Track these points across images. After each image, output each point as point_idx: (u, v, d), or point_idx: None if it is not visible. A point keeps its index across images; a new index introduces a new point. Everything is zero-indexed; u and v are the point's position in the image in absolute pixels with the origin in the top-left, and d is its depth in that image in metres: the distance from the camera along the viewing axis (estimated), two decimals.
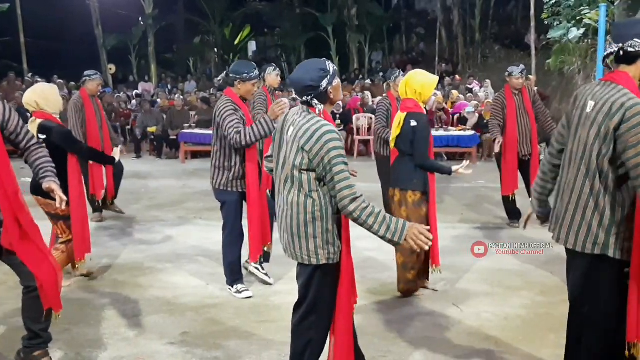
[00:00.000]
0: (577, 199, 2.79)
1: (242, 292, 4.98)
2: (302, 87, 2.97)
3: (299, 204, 2.96)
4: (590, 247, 2.76)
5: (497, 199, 8.58)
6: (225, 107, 4.72)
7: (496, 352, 3.88)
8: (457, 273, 5.32)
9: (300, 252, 3.01)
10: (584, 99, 2.88)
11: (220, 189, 4.93)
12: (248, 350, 3.97)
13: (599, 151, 2.72)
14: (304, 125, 2.93)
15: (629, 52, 2.76)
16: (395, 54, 29.22)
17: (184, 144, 13.61)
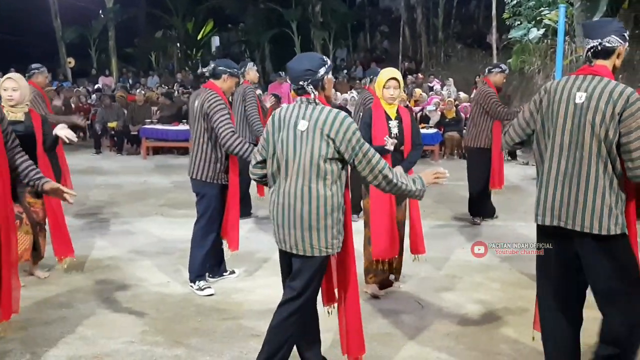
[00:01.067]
0: (595, 184, 2.87)
1: (204, 289, 4.93)
2: (300, 71, 3.09)
3: (319, 196, 3.04)
4: (614, 228, 2.87)
5: (460, 195, 8.69)
6: (217, 101, 4.68)
7: (456, 348, 3.92)
8: (418, 270, 5.36)
9: (317, 244, 3.07)
10: (565, 92, 2.97)
11: (204, 181, 4.85)
12: (210, 348, 3.93)
13: (606, 135, 2.83)
14: (321, 115, 3.04)
15: (607, 47, 2.96)
16: (360, 52, 29.30)
17: (145, 139, 13.43)
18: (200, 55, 29.42)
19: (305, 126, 3.06)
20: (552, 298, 3.10)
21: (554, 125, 2.98)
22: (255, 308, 4.62)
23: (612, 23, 3.06)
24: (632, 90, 2.86)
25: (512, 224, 7.18)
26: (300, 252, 3.11)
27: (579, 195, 2.90)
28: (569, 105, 2.94)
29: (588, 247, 2.94)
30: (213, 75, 4.87)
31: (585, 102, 2.89)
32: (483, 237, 6.68)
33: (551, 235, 3.05)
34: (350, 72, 24.15)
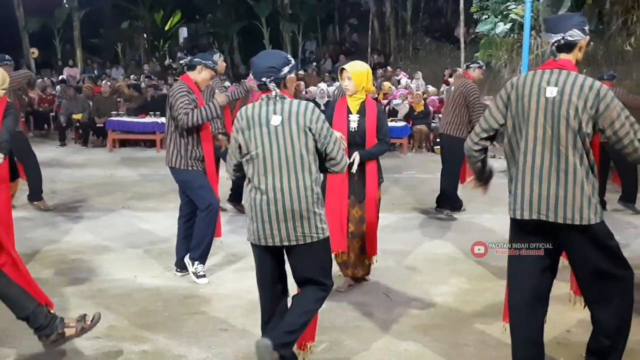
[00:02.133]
0: (573, 176, 2.92)
1: (200, 277, 4.96)
2: (263, 68, 3.16)
3: (306, 188, 3.13)
4: (594, 217, 2.95)
5: (427, 188, 8.77)
6: (180, 89, 4.82)
7: (424, 340, 3.96)
8: (387, 262, 5.39)
9: (309, 231, 3.16)
10: (534, 87, 3.00)
11: (181, 169, 4.91)
12: (177, 343, 3.90)
13: (579, 127, 2.90)
14: (293, 107, 3.12)
15: (569, 40, 3.02)
16: (329, 44, 29.26)
17: (111, 132, 13.22)
18: (167, 46, 29.03)
19: (278, 120, 3.10)
20: (523, 291, 3.14)
21: (525, 120, 3.01)
22: (225, 302, 4.60)
23: (573, 17, 3.12)
24: (600, 82, 2.95)
25: (478, 216, 7.26)
26: (300, 242, 3.17)
27: (559, 188, 2.94)
28: (539, 99, 2.97)
29: (571, 238, 3.01)
30: (189, 67, 4.98)
31: (557, 96, 2.93)
32: (451, 229, 6.75)
33: (529, 229, 3.08)
34: (320, 65, 24.12)
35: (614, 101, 2.89)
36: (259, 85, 3.21)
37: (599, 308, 3.07)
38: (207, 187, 4.96)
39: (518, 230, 3.14)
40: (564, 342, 3.67)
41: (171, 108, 4.82)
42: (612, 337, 3.07)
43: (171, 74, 20.66)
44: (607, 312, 3.05)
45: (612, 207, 7.51)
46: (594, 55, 11.37)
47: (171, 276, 5.17)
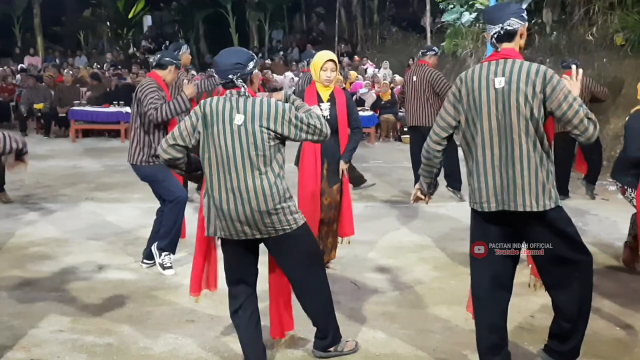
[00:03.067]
0: (527, 163, 2.96)
1: (166, 268, 4.91)
2: (229, 65, 3.14)
3: (271, 185, 3.12)
4: (549, 203, 2.99)
5: (395, 177, 8.82)
6: (149, 85, 4.82)
7: (391, 327, 3.98)
8: (354, 250, 5.40)
9: (280, 225, 3.18)
10: (482, 80, 3.02)
11: (143, 165, 4.86)
12: (143, 336, 3.85)
13: (531, 114, 2.93)
14: (255, 107, 3.09)
15: (508, 30, 3.04)
16: (296, 33, 29.12)
17: (74, 122, 12.97)
18: (131, 34, 28.50)
19: (241, 120, 3.10)
20: (485, 278, 3.18)
21: (478, 113, 3.04)
22: None
23: (509, 6, 3.16)
24: (546, 67, 2.98)
25: (445, 204, 7.32)
26: (272, 235, 3.20)
27: (516, 176, 2.97)
28: (489, 91, 3.00)
29: (529, 225, 3.05)
30: (158, 65, 4.93)
31: (505, 86, 2.96)
32: (417, 218, 6.80)
33: (492, 220, 3.11)
34: (287, 54, 24.00)
35: (560, 83, 2.93)
36: (225, 83, 3.17)
37: (559, 293, 3.13)
38: (172, 179, 4.90)
39: (482, 221, 3.17)
40: (527, 327, 3.73)
41: (139, 103, 4.77)
42: (572, 321, 3.12)
43: (136, 62, 20.34)
44: (567, 297, 3.10)
45: (574, 194, 7.67)
46: (557, 45, 11.53)
47: (137, 268, 5.11)
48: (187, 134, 3.18)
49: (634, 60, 9.53)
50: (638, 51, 9.53)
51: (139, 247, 5.42)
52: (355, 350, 3.60)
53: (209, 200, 3.22)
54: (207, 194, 3.23)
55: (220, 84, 3.23)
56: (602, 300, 4.28)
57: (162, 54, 5.07)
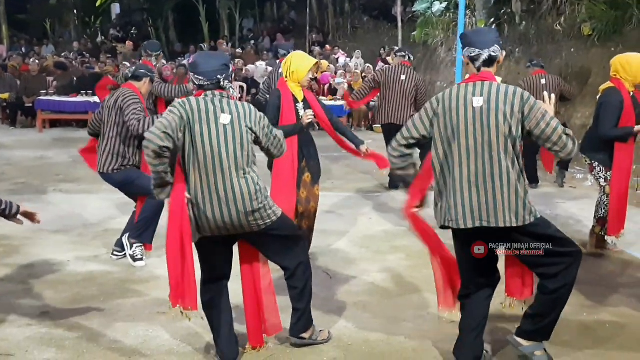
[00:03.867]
0: (507, 180, 3.02)
1: (137, 260, 4.87)
2: (218, 66, 3.20)
3: (254, 183, 3.20)
4: (529, 218, 3.06)
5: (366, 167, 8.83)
6: (132, 95, 4.79)
7: (364, 316, 4.00)
8: (327, 240, 5.41)
9: (262, 221, 3.24)
10: (460, 99, 3.08)
11: (115, 173, 4.82)
12: (113, 328, 3.81)
13: (510, 131, 3.00)
14: (240, 108, 3.20)
15: (492, 56, 3.14)
16: (267, 22, 28.91)
17: (41, 111, 12.73)
18: (99, 23, 28.01)
19: (228, 119, 3.14)
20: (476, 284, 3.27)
21: (456, 132, 3.08)
22: (162, 285, 4.50)
23: (491, 32, 3.30)
24: (521, 89, 3.09)
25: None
26: (255, 229, 3.25)
27: (495, 193, 3.02)
28: (467, 110, 3.06)
29: (511, 237, 3.12)
30: (134, 77, 4.96)
31: (484, 105, 3.03)
32: (389, 207, 6.84)
33: (471, 236, 3.16)
34: (258, 43, 23.81)
35: (537, 104, 3.03)
36: (209, 84, 3.19)
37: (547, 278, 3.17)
38: (145, 176, 4.76)
39: (461, 237, 3.22)
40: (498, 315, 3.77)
41: (120, 113, 4.71)
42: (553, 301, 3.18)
43: (104, 51, 20.00)
44: (557, 281, 3.14)
45: (543, 182, 7.80)
46: (526, 35, 11.64)
47: (106, 260, 5.04)
48: (176, 126, 3.07)
49: (601, 49, 9.67)
50: (605, 41, 9.67)
51: (109, 239, 5.36)
52: (328, 340, 3.63)
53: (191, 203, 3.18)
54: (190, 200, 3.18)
55: (201, 86, 3.20)
56: None
57: (137, 66, 5.18)
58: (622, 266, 4.91)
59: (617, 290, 4.36)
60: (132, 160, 4.83)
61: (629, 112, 4.70)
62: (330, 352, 3.51)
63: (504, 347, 3.51)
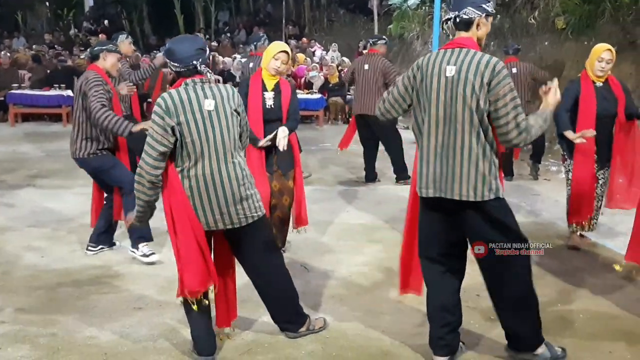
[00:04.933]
0: (469, 154, 2.97)
1: (149, 255, 4.77)
2: (194, 51, 3.13)
3: (242, 168, 3.20)
4: (488, 194, 3.00)
5: (343, 160, 8.85)
6: (94, 78, 4.63)
7: (341, 309, 4.01)
8: (304, 234, 5.39)
9: (250, 212, 3.23)
10: (436, 67, 3.03)
11: (90, 158, 4.72)
12: (89, 325, 3.76)
13: (477, 105, 2.93)
14: (223, 91, 3.17)
15: (464, 18, 3.03)
16: (242, 15, 28.75)
17: (12, 105, 12.51)
18: (72, 15, 27.61)
19: (212, 105, 3.11)
20: (436, 263, 3.23)
21: (428, 100, 3.06)
22: (138, 280, 4.48)
23: None
24: (498, 59, 2.96)
25: (394, 186, 7.41)
26: (243, 223, 3.22)
27: (455, 166, 3.00)
28: (440, 79, 3.01)
29: (467, 214, 3.07)
30: (92, 58, 4.81)
31: (455, 75, 2.97)
32: (366, 200, 6.86)
33: (434, 206, 3.15)
34: (233, 36, 23.68)
35: (505, 79, 2.90)
36: (186, 70, 3.13)
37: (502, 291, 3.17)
38: (120, 166, 4.78)
39: (426, 206, 3.21)
40: (473, 306, 3.81)
41: (84, 97, 4.60)
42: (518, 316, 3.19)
43: (77, 44, 19.71)
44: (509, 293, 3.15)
45: (518, 174, 7.88)
46: (500, 28, 11.73)
47: (81, 255, 4.99)
48: (163, 137, 3.04)
49: (574, 43, 9.78)
50: (578, 34, 9.79)
51: (84, 234, 5.29)
52: (325, 327, 3.68)
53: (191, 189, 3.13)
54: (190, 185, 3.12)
55: (178, 72, 3.17)
56: (545, 277, 4.42)
57: (92, 46, 4.96)
58: (595, 257, 4.99)
59: (590, 281, 4.43)
60: (107, 143, 4.72)
61: (586, 100, 4.77)
62: (308, 345, 3.51)
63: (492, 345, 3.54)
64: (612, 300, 4.11)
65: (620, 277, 4.52)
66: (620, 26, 9.09)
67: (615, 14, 9.25)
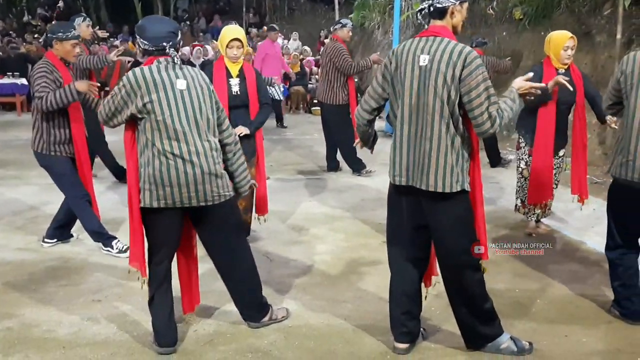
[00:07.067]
0: (438, 145, 2.98)
1: (125, 250, 4.60)
2: (165, 33, 3.15)
3: (217, 148, 3.23)
4: (455, 185, 3.01)
5: (305, 150, 8.85)
6: (39, 68, 4.50)
7: (304, 298, 4.01)
8: (266, 224, 5.37)
9: (223, 190, 3.25)
10: (410, 55, 3.03)
11: (43, 153, 4.60)
12: (46, 317, 3.69)
13: (448, 96, 2.93)
14: (194, 72, 3.22)
15: (438, 7, 3.03)
16: (202, 2, 28.34)
17: None
18: (25, 1, 26.81)
19: (184, 85, 3.13)
20: (400, 248, 3.26)
21: (402, 89, 3.06)
22: (96, 272, 4.41)
23: None
24: (470, 49, 2.97)
25: (355, 175, 7.42)
26: (216, 201, 3.22)
27: (424, 156, 3.02)
28: (414, 68, 3.01)
29: (432, 204, 3.09)
30: (46, 45, 4.67)
31: (428, 64, 2.97)
32: (328, 189, 6.87)
33: (404, 194, 3.17)
34: (193, 24, 23.35)
35: (478, 70, 2.90)
36: (155, 50, 3.14)
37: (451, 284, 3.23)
38: (69, 176, 4.64)
39: (396, 193, 3.23)
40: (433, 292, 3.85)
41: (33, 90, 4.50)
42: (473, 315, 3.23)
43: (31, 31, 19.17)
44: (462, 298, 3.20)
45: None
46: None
47: (38, 247, 4.88)
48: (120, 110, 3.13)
49: (531, 33, 9.94)
50: (535, 25, 9.95)
51: (40, 225, 5.18)
52: (288, 317, 3.68)
53: (147, 169, 3.11)
54: (146, 165, 3.11)
55: (145, 50, 3.16)
56: (503, 264, 4.50)
57: (46, 32, 4.78)
58: (551, 243, 5.09)
59: (547, 267, 4.53)
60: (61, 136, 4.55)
61: None
62: (270, 335, 3.51)
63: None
64: (568, 285, 4.21)
65: (576, 264, 4.64)
66: (576, 17, 9.27)
67: (570, 5, 9.43)
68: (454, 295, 3.25)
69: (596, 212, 5.63)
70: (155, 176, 3.10)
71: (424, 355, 3.31)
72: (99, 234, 4.75)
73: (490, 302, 3.24)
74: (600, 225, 3.88)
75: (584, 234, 5.24)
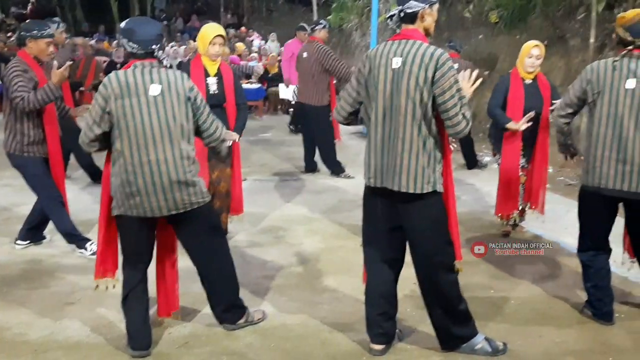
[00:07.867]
0: (410, 146, 3.00)
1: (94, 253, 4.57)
2: (154, 36, 3.12)
3: (188, 157, 3.13)
4: (427, 187, 3.03)
5: (283, 151, 8.83)
6: (13, 68, 4.40)
7: (280, 300, 4.00)
8: (243, 225, 5.35)
9: (195, 198, 3.19)
10: (383, 58, 3.05)
11: (16, 154, 4.52)
12: (18, 320, 3.64)
13: (421, 98, 2.95)
14: (171, 77, 3.10)
15: (408, 12, 3.05)
16: (180, 2, 28.19)
17: None
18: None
19: (158, 90, 3.05)
20: (375, 249, 3.27)
21: (375, 91, 3.08)
22: (70, 274, 4.35)
23: None
24: (443, 51, 2.99)
25: (332, 177, 7.42)
26: (188, 208, 3.19)
27: (396, 157, 3.04)
28: (387, 70, 3.04)
29: (405, 205, 3.11)
30: (19, 45, 4.58)
31: (400, 67, 2.99)
32: (306, 191, 6.86)
33: (379, 195, 3.19)
34: (170, 24, 23.20)
35: (450, 71, 2.93)
36: (144, 53, 3.11)
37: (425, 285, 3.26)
38: (42, 177, 4.56)
39: (371, 194, 3.25)
40: (410, 294, 3.87)
41: (7, 90, 4.39)
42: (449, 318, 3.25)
43: (5, 30, 18.88)
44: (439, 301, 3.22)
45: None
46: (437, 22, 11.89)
47: (9, 250, 4.80)
48: (99, 119, 3.07)
49: (507, 37, 10.05)
50: (511, 28, 10.07)
51: (11, 226, 5.10)
52: (264, 319, 3.67)
53: (117, 178, 3.09)
54: (116, 173, 3.09)
55: (133, 54, 3.12)
56: (478, 265, 4.53)
57: (19, 30, 4.66)
58: (526, 244, 5.14)
59: (521, 268, 4.56)
60: (34, 137, 4.47)
61: (514, 96, 4.89)
62: (246, 337, 3.49)
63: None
64: (542, 286, 4.26)
65: (550, 265, 4.69)
66: (550, 21, 9.40)
67: (545, 9, 9.56)
68: (429, 297, 3.27)
69: (570, 213, 5.69)
70: (124, 185, 3.08)
71: (399, 356, 3.32)
72: (72, 235, 4.69)
73: (465, 303, 3.26)
74: (574, 226, 3.91)
75: (558, 235, 5.30)
